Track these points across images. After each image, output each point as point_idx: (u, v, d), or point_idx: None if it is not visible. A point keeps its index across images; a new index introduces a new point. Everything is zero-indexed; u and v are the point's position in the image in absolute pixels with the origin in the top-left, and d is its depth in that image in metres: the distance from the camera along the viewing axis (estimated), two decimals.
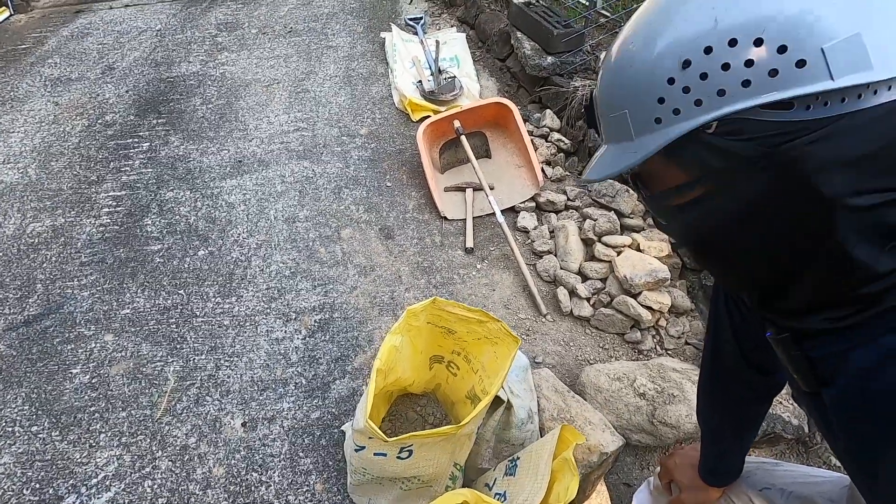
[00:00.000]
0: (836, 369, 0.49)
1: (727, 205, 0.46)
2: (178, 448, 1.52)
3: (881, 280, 0.44)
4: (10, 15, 4.26)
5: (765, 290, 0.52)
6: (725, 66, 0.41)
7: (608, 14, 2.79)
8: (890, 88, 0.40)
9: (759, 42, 0.39)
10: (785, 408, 1.52)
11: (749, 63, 0.40)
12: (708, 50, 0.41)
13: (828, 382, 0.50)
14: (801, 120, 0.40)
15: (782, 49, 0.39)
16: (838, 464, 1.53)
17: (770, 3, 0.40)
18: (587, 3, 2.75)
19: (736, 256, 0.49)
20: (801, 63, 0.39)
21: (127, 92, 3.15)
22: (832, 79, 0.38)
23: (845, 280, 0.45)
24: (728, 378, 0.82)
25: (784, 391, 1.58)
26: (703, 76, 0.42)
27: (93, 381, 1.70)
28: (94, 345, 1.81)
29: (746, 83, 0.40)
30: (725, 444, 0.90)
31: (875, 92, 0.40)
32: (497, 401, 1.28)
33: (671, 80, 0.43)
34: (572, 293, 1.89)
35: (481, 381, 1.25)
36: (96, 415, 1.61)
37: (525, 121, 2.58)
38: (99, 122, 2.90)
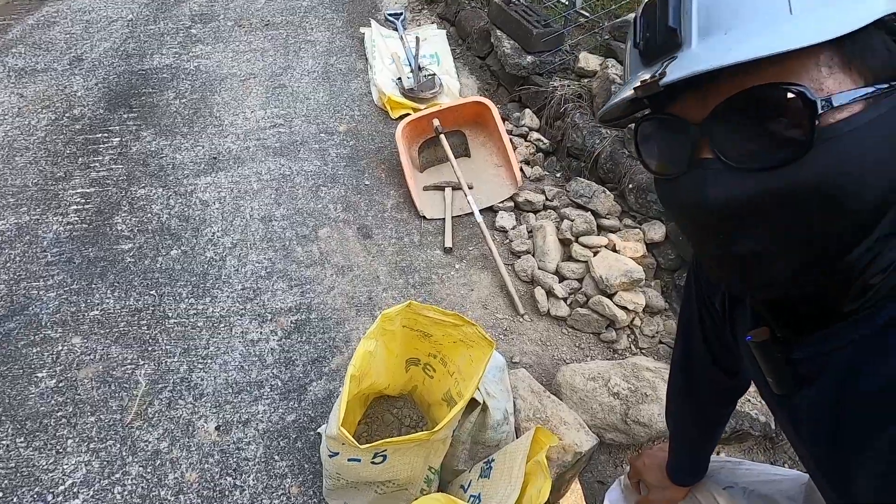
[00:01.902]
0: (819, 369, 0.46)
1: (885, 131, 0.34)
2: (149, 453, 1.49)
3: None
4: None
5: (803, 279, 0.43)
6: None
7: (587, 14, 2.80)
8: None
9: None
10: (753, 405, 1.57)
11: None
12: None
13: (806, 384, 0.48)
14: None
15: None
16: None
17: None
18: (567, 3, 2.76)
19: (840, 216, 0.37)
20: None
21: (96, 84, 3.05)
22: None
23: None
24: (697, 379, 0.83)
25: (751, 389, 1.63)
26: None
27: (59, 385, 1.65)
28: (61, 347, 1.75)
29: None
30: (692, 444, 0.92)
31: None
32: (473, 402, 1.29)
33: None
34: (549, 293, 1.91)
35: (457, 383, 1.25)
36: (63, 420, 1.56)
37: (504, 120, 2.58)
38: (66, 115, 2.81)
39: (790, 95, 0.35)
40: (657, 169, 0.46)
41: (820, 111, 0.35)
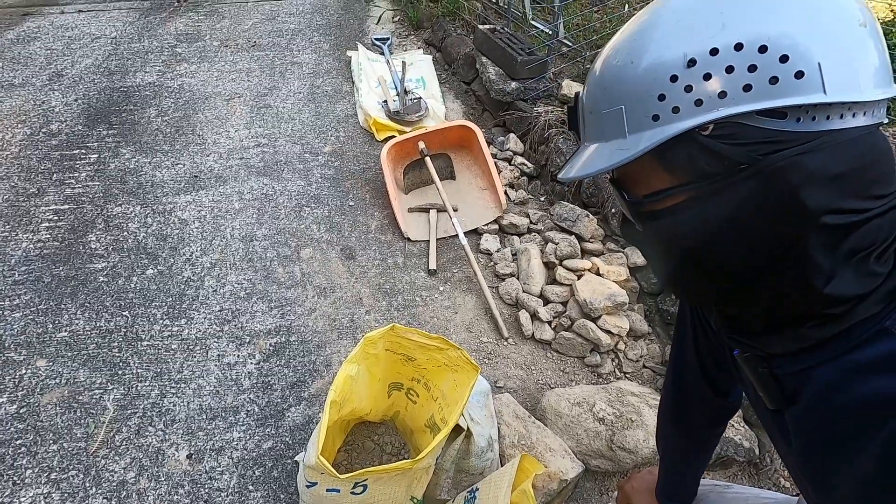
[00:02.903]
0: (801, 386, 0.50)
1: (710, 211, 0.46)
2: (114, 484, 1.41)
3: (842, 304, 0.45)
4: None
5: (728, 304, 0.53)
6: (729, 69, 0.42)
7: (570, 43, 2.88)
8: (865, 114, 0.43)
9: (763, 49, 0.41)
10: (737, 431, 1.56)
11: (752, 68, 0.41)
12: (714, 52, 0.42)
13: (793, 399, 0.51)
14: (792, 131, 0.42)
15: (784, 58, 0.41)
16: (787, 485, 1.57)
17: (776, 15, 0.42)
18: (550, 33, 2.84)
19: (707, 265, 0.49)
20: (799, 74, 0.41)
21: (76, 100, 3.00)
22: (825, 93, 0.40)
23: (807, 297, 0.46)
24: (689, 399, 0.84)
25: (736, 415, 1.63)
26: (707, 77, 0.43)
27: (21, 411, 1.56)
28: (24, 371, 1.67)
29: (748, 87, 0.42)
30: (682, 466, 0.92)
31: (854, 115, 0.42)
32: (457, 429, 1.26)
33: (674, 78, 0.44)
34: (534, 316, 1.89)
35: (441, 409, 1.22)
36: (22, 448, 1.48)
37: (489, 144, 2.61)
38: (42, 130, 2.75)
39: (622, 193, 0.53)
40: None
41: (645, 203, 0.50)
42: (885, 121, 0.46)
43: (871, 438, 0.43)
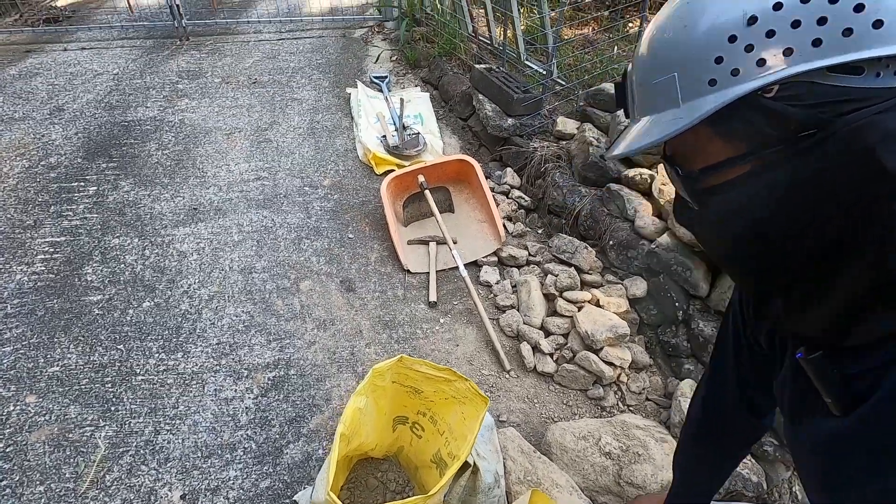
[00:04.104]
0: (873, 385, 0.45)
1: (777, 181, 0.41)
2: None
3: None
4: None
5: (796, 289, 0.48)
6: (796, 24, 0.38)
7: (563, 82, 2.98)
8: None
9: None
10: (744, 464, 1.54)
11: (822, 21, 0.37)
12: (777, 6, 0.38)
13: (861, 402, 0.46)
14: (870, 87, 0.38)
15: (859, 7, 0.37)
16: None
17: None
18: (544, 72, 2.94)
19: (775, 243, 0.44)
20: (878, 24, 0.36)
21: (76, 134, 3.02)
22: None
23: (884, 276, 0.41)
24: (721, 420, 0.83)
25: None
26: (770, 34, 0.39)
27: (7, 449, 1.50)
28: (12, 407, 1.61)
29: (817, 42, 0.38)
30: (697, 488, 0.91)
31: None
32: (463, 465, 1.23)
33: (733, 38, 0.40)
34: (536, 348, 1.88)
35: (447, 443, 1.20)
36: (7, 490, 1.41)
37: (487, 177, 2.65)
38: (41, 163, 2.75)
39: (676, 168, 0.49)
40: None
41: (701, 177, 0.46)
42: None
43: None
